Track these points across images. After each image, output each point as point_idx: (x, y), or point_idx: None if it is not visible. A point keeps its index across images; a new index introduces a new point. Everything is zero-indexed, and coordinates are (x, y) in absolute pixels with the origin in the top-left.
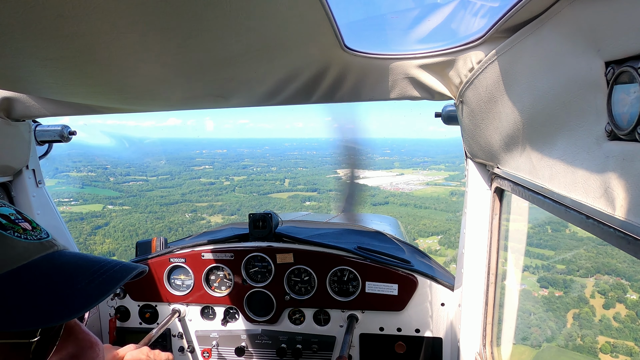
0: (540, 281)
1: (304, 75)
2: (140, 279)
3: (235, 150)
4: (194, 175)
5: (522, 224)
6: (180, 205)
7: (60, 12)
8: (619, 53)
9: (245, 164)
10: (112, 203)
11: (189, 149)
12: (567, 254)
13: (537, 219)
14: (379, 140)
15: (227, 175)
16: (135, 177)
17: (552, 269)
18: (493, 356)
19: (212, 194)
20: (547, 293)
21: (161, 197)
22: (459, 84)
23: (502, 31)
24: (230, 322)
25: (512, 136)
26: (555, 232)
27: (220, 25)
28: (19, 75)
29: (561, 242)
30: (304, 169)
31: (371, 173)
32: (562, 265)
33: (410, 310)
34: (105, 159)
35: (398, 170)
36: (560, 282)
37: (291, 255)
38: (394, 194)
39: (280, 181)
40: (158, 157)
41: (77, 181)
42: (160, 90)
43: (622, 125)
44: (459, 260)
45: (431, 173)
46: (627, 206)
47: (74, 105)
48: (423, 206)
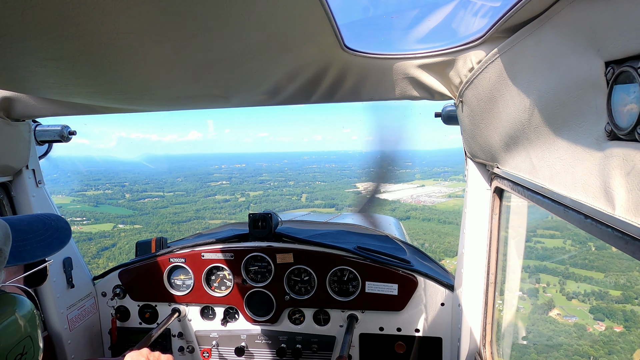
0: (594, 312)
1: (304, 75)
2: (140, 279)
3: (254, 164)
4: (209, 192)
5: (522, 223)
6: (192, 223)
7: (60, 12)
8: (619, 53)
9: (262, 178)
10: (123, 222)
11: (208, 164)
12: (621, 277)
13: (577, 236)
14: (399, 152)
15: (243, 191)
16: (152, 194)
17: (605, 296)
18: (493, 356)
19: (225, 211)
20: (604, 328)
21: (174, 215)
22: (459, 84)
23: (502, 31)
24: (230, 322)
25: (512, 136)
26: (601, 250)
27: (220, 25)
28: (19, 75)
29: (609, 262)
30: (322, 182)
31: (391, 187)
32: (617, 292)
33: (410, 310)
34: (126, 175)
35: (419, 182)
36: (619, 314)
37: (291, 255)
38: (416, 207)
39: (297, 196)
40: (177, 173)
41: (92, 200)
42: (160, 90)
43: (622, 125)
44: (458, 260)
45: (452, 184)
46: (627, 206)
47: (74, 105)
48: (447, 221)
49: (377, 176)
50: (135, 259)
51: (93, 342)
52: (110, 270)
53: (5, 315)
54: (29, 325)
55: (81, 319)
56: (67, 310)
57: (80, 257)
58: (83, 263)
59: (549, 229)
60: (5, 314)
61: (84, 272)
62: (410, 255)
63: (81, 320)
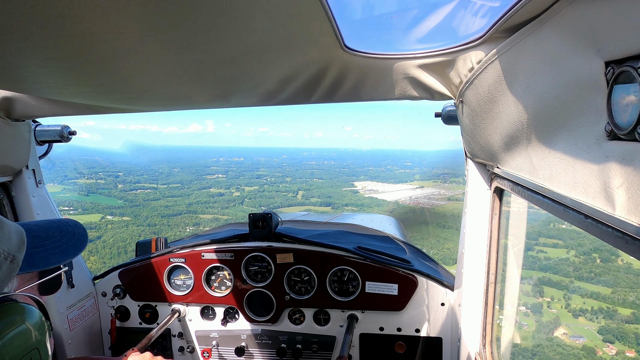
0: (603, 333)
1: (304, 75)
2: (140, 279)
3: (253, 158)
4: (204, 185)
5: (522, 223)
6: (183, 217)
7: (60, 12)
8: (619, 53)
9: (260, 173)
10: (112, 213)
11: (207, 156)
12: (630, 294)
13: (581, 246)
14: (399, 152)
15: (239, 186)
16: (145, 185)
17: (614, 315)
18: (493, 356)
19: (219, 206)
20: (614, 351)
21: (165, 208)
22: (459, 84)
23: (502, 31)
24: (230, 322)
25: (512, 136)
26: (606, 263)
27: (220, 25)
28: (19, 75)
29: (618, 276)
30: (320, 180)
31: (390, 187)
32: (627, 310)
33: (410, 310)
34: (121, 166)
35: (418, 183)
36: (631, 336)
37: (291, 255)
38: (415, 209)
39: (293, 193)
40: (173, 164)
41: (83, 189)
42: (160, 90)
43: (622, 125)
44: (458, 260)
45: (452, 187)
46: (627, 206)
47: (74, 105)
48: (446, 225)
49: None
50: (135, 259)
51: (93, 342)
52: (110, 270)
53: (13, 325)
54: (37, 336)
55: (81, 319)
56: (67, 310)
57: (81, 257)
58: (83, 263)
59: (550, 236)
60: (13, 324)
61: (84, 272)
62: (411, 255)
63: (81, 320)
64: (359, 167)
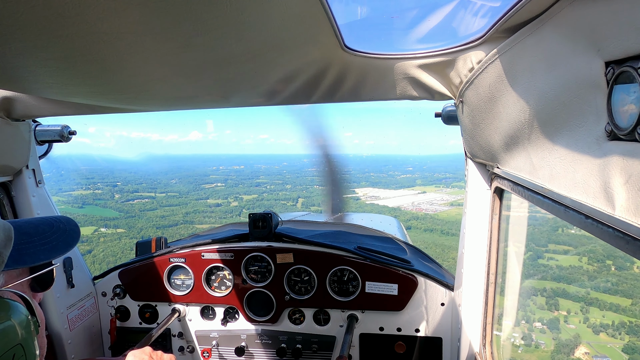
0: (629, 351)
1: (304, 75)
2: (140, 279)
3: (253, 166)
4: (201, 195)
5: (522, 223)
6: (178, 228)
7: (60, 12)
8: (619, 53)
9: (259, 181)
10: (106, 225)
11: (206, 165)
12: None
13: (593, 252)
14: (400, 157)
15: (237, 194)
16: (143, 194)
17: (638, 331)
18: (493, 356)
19: (216, 215)
20: None
21: (161, 218)
22: (459, 84)
23: (502, 31)
24: (230, 322)
25: (512, 136)
26: (622, 271)
27: (220, 25)
28: (19, 75)
29: (636, 285)
30: (320, 187)
31: (392, 192)
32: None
33: (410, 310)
34: (121, 174)
35: (420, 188)
36: None
37: (291, 255)
38: (417, 216)
39: (293, 201)
40: (172, 174)
41: (78, 201)
42: (160, 90)
43: (622, 125)
44: (458, 261)
45: (454, 191)
46: (627, 206)
47: (74, 105)
48: (450, 232)
49: (328, 179)
50: (135, 259)
51: (93, 342)
52: (110, 270)
53: None
54: (22, 333)
55: (81, 318)
56: (67, 310)
57: (80, 257)
58: (83, 263)
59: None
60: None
61: (84, 272)
62: (411, 255)
63: (81, 320)
64: (360, 172)
